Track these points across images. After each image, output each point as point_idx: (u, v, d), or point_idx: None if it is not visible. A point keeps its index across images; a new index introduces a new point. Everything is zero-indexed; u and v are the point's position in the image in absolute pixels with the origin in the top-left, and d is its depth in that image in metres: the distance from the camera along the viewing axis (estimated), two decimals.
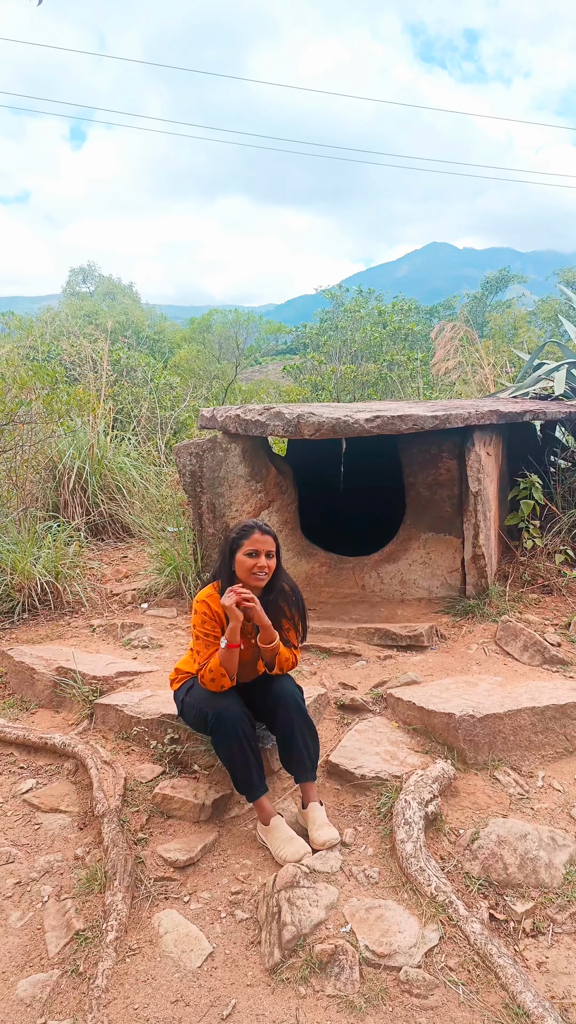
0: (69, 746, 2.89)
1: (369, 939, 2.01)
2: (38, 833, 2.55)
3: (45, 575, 4.36)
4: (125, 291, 37.88)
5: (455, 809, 2.51)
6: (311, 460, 5.58)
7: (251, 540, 2.50)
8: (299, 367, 14.40)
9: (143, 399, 8.68)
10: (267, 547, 2.51)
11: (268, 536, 2.53)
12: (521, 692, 2.97)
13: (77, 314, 22.38)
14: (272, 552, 2.53)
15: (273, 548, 2.54)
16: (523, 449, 4.91)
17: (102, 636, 4.02)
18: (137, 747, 2.90)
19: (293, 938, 2.01)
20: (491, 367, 8.37)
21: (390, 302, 17.47)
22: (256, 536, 2.51)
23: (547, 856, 2.27)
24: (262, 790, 2.44)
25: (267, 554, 2.51)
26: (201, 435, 6.21)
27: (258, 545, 2.50)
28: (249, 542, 2.50)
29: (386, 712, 3.08)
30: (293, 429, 3.90)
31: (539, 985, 1.92)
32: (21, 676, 3.45)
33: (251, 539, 2.51)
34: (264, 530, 2.53)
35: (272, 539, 2.54)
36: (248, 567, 2.50)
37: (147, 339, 22.35)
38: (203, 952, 2.05)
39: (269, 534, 2.53)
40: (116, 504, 5.89)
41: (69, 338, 10.96)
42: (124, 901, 2.19)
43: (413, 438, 4.20)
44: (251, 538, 2.51)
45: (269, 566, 2.52)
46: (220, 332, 24.22)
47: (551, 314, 21.23)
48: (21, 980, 2.00)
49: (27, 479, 5.82)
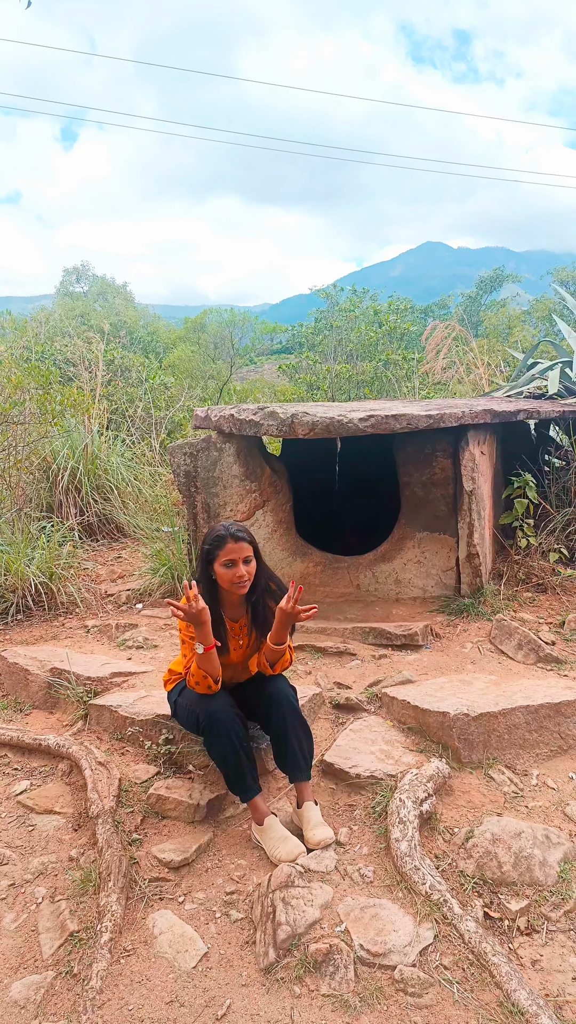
0: (63, 747, 2.88)
1: (364, 938, 2.01)
2: (32, 835, 2.55)
3: (39, 576, 4.35)
4: (119, 291, 37.79)
5: (450, 808, 2.51)
6: (306, 460, 5.57)
7: (226, 551, 2.42)
8: (294, 366, 14.38)
9: (138, 399, 8.66)
10: (243, 554, 2.43)
11: (242, 542, 2.43)
12: (516, 691, 2.97)
13: (71, 314, 22.31)
14: (250, 557, 2.45)
15: (250, 553, 2.45)
16: (517, 448, 4.92)
17: (97, 637, 4.01)
18: (132, 748, 2.89)
19: (288, 938, 2.01)
20: (485, 366, 8.38)
21: (385, 301, 17.46)
22: (230, 546, 2.42)
23: (541, 854, 2.27)
24: (256, 790, 2.43)
25: (244, 560, 2.44)
26: (195, 435, 6.21)
27: (233, 554, 2.43)
28: (224, 552, 2.42)
29: (381, 711, 3.08)
30: (287, 429, 3.89)
31: (533, 983, 1.92)
32: (15, 677, 3.44)
33: (225, 549, 2.42)
34: (237, 537, 2.43)
35: (247, 543, 2.45)
36: (228, 579, 2.44)
37: (141, 339, 22.30)
38: (198, 952, 2.05)
39: (243, 539, 2.44)
40: (110, 504, 5.88)
41: (63, 338, 10.92)
42: (118, 902, 2.18)
43: (407, 437, 4.20)
44: (225, 548, 2.42)
45: (248, 572, 2.45)
46: (215, 332, 24.18)
47: (545, 313, 21.28)
48: (15, 982, 1.99)
49: (21, 479, 5.80)
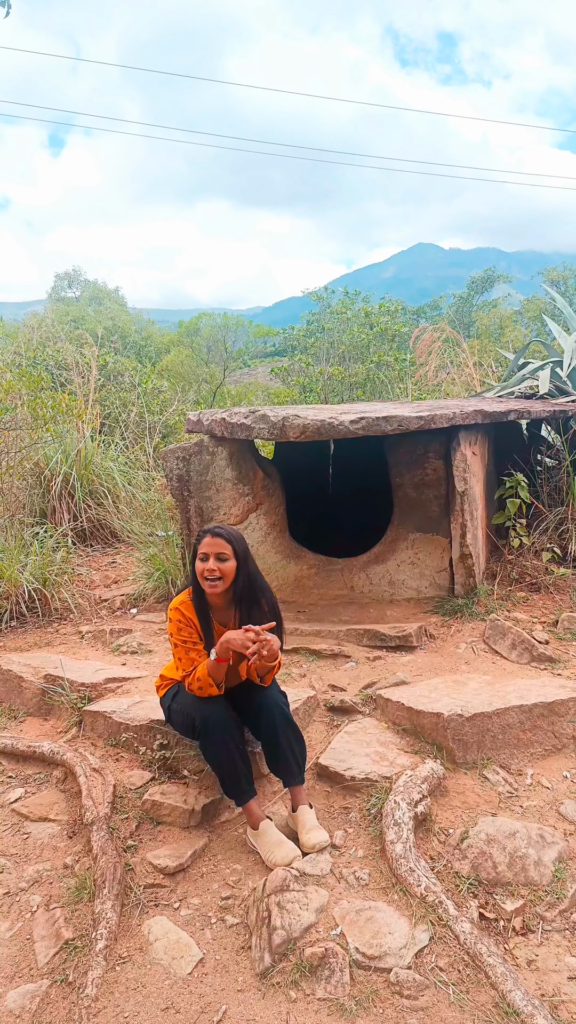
0: (58, 754, 2.87)
1: (359, 941, 2.01)
2: (27, 842, 2.54)
3: (32, 582, 4.34)
4: (111, 296, 37.77)
5: (445, 809, 2.51)
6: (298, 463, 5.58)
7: (203, 544, 2.46)
8: (287, 369, 14.39)
9: (131, 404, 8.65)
10: (216, 550, 2.44)
11: (219, 539, 2.45)
12: (509, 690, 2.98)
13: (63, 319, 22.29)
14: (225, 555, 2.44)
15: (226, 551, 2.44)
16: (509, 448, 4.93)
17: (91, 642, 4.00)
18: (126, 753, 2.88)
19: (283, 942, 2.01)
20: (477, 367, 8.40)
21: (377, 303, 17.50)
22: (207, 540, 2.45)
23: (536, 854, 2.28)
24: (251, 794, 2.43)
25: (217, 556, 2.44)
26: (188, 439, 6.20)
27: (207, 548, 2.44)
28: (202, 546, 2.46)
29: (376, 713, 3.08)
30: (278, 432, 3.89)
31: (529, 983, 1.92)
32: (9, 684, 3.43)
33: (203, 543, 2.46)
34: (215, 533, 2.46)
35: (225, 541, 2.45)
36: (200, 572, 2.46)
37: (134, 344, 22.30)
38: (193, 958, 2.04)
39: (221, 536, 2.45)
40: (104, 509, 5.87)
41: (56, 343, 10.91)
42: (114, 909, 2.18)
43: (399, 439, 4.21)
44: (203, 542, 2.46)
45: (220, 569, 2.44)
46: (208, 336, 24.19)
47: (536, 314, 21.37)
48: (10, 991, 1.98)
49: (13, 485, 5.79)
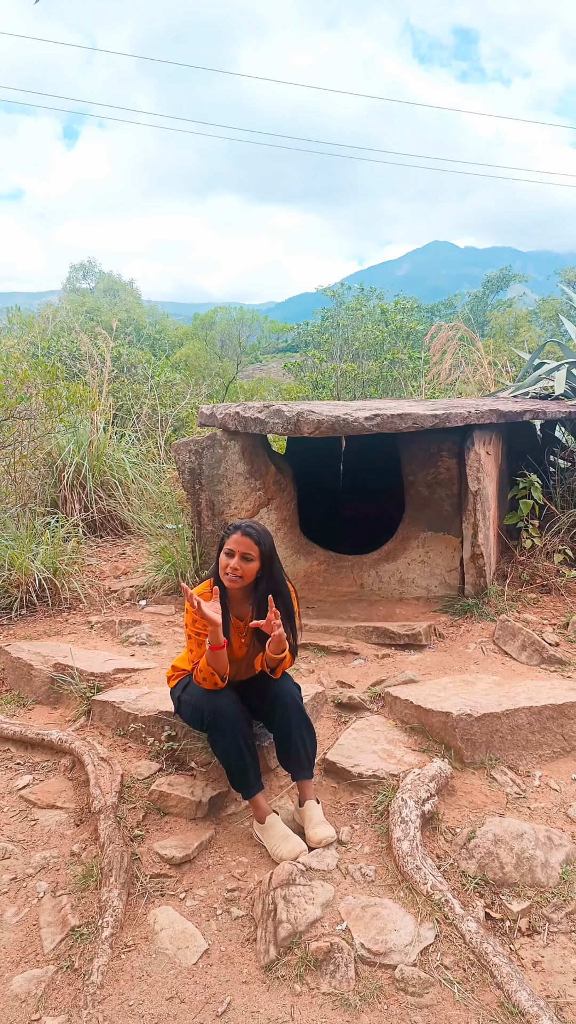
0: (66, 742, 2.89)
1: (365, 937, 2.01)
2: (34, 829, 2.55)
3: (43, 571, 4.36)
4: (126, 288, 37.82)
5: (452, 808, 2.51)
6: (311, 458, 5.57)
7: (231, 540, 2.45)
8: (300, 365, 14.38)
9: (144, 396, 8.66)
10: (243, 549, 2.43)
11: (248, 539, 2.43)
12: (519, 691, 2.96)
13: (78, 311, 22.35)
14: (250, 555, 2.44)
15: (252, 551, 2.43)
16: (523, 448, 4.91)
17: (100, 633, 4.02)
18: (134, 744, 2.90)
19: (289, 935, 2.01)
20: (491, 366, 8.36)
21: (391, 300, 17.45)
22: (236, 536, 2.44)
23: (543, 855, 2.27)
24: (258, 788, 2.43)
25: (243, 556, 2.43)
26: (201, 432, 6.20)
27: (234, 545, 2.44)
28: (229, 541, 2.45)
29: (384, 711, 3.08)
30: (292, 427, 3.89)
31: (534, 984, 1.91)
32: (19, 672, 3.45)
33: (231, 539, 2.45)
34: (246, 532, 2.44)
35: (253, 542, 2.43)
36: (222, 567, 2.46)
37: (148, 336, 22.33)
38: (198, 949, 2.05)
39: (251, 537, 2.43)
40: (115, 501, 5.88)
41: (70, 334, 10.94)
42: (120, 898, 2.19)
43: (413, 437, 4.19)
44: (231, 537, 2.45)
45: (242, 568, 2.44)
46: (223, 329, 24.20)
47: (552, 314, 21.23)
48: (16, 976, 1.99)
49: (26, 475, 5.81)
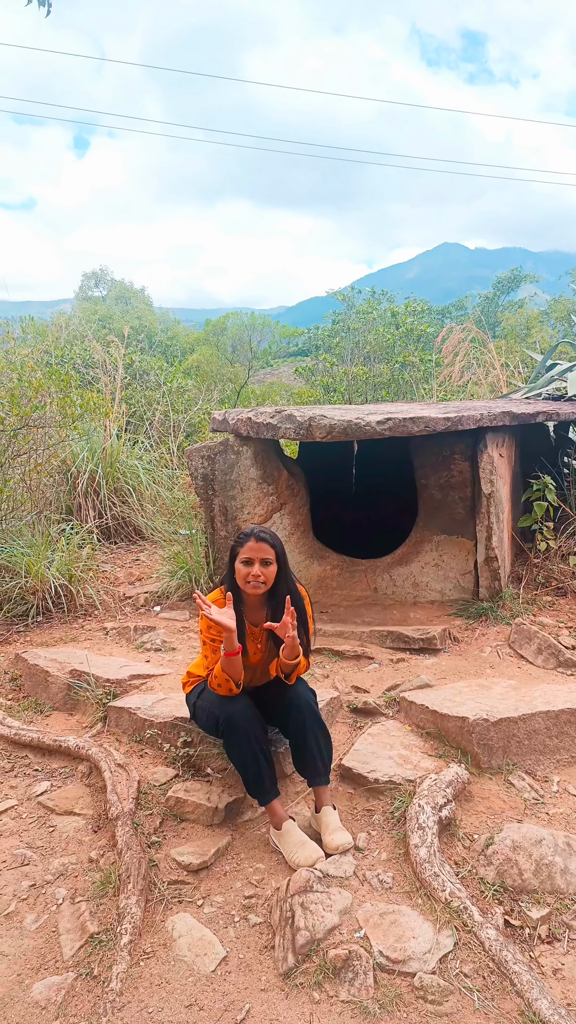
0: (83, 749, 2.90)
1: (383, 944, 2.00)
2: (52, 835, 2.57)
3: (59, 578, 4.39)
4: (137, 295, 38.06)
5: (469, 814, 2.49)
6: (323, 463, 5.57)
7: (246, 548, 2.45)
8: (311, 369, 14.38)
9: (156, 402, 8.71)
10: (261, 555, 2.44)
11: (264, 543, 2.44)
12: (535, 696, 2.94)
13: (91, 318, 22.49)
14: (269, 559, 2.45)
15: (270, 555, 2.45)
16: (536, 450, 4.88)
17: (115, 639, 4.04)
18: (150, 750, 2.91)
19: (307, 943, 2.01)
20: (503, 368, 8.32)
21: (402, 303, 17.41)
22: (251, 544, 2.44)
23: (563, 862, 2.25)
24: (274, 794, 2.43)
25: (262, 562, 2.44)
26: (213, 438, 6.23)
27: (252, 553, 2.44)
28: (244, 550, 2.45)
29: (399, 716, 3.07)
30: (305, 432, 3.89)
31: (555, 992, 1.90)
32: (35, 679, 3.47)
33: (246, 547, 2.45)
34: (260, 537, 2.45)
35: (269, 546, 2.45)
36: (243, 576, 2.46)
37: (160, 343, 22.43)
38: (217, 956, 2.05)
39: (266, 541, 2.45)
40: (128, 507, 5.92)
41: (83, 342, 11.02)
42: (138, 904, 2.19)
43: (425, 440, 4.18)
44: (246, 546, 2.45)
45: (264, 574, 2.44)
46: (234, 335, 24.26)
47: (563, 314, 21.09)
48: (36, 983, 2.00)
49: (41, 482, 5.86)
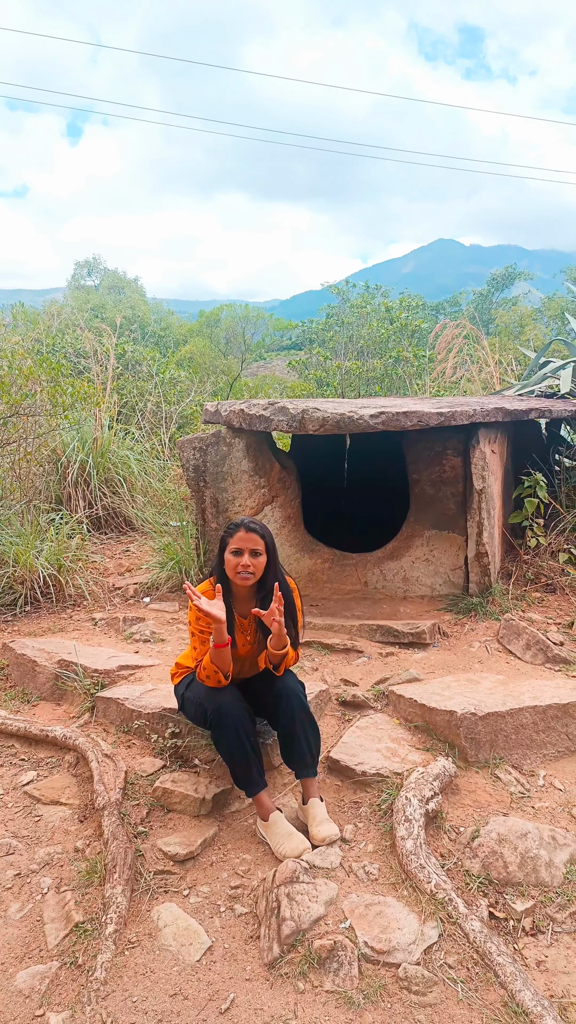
0: (70, 739, 2.89)
1: (368, 935, 2.01)
2: (38, 825, 2.56)
3: (47, 568, 4.37)
4: (131, 285, 37.82)
5: (456, 807, 2.51)
6: (315, 456, 5.56)
7: (236, 538, 2.44)
8: (304, 362, 14.36)
9: (148, 393, 8.66)
10: (251, 545, 2.44)
11: (254, 534, 2.44)
12: (523, 691, 2.96)
13: (83, 307, 22.34)
14: (258, 550, 2.45)
15: (259, 546, 2.45)
16: (528, 447, 4.89)
17: (104, 630, 4.02)
18: (138, 741, 2.90)
19: (292, 933, 2.01)
20: (496, 365, 8.33)
21: (397, 298, 17.39)
22: (241, 534, 2.44)
23: (547, 855, 2.26)
24: (261, 785, 2.43)
25: (252, 552, 2.44)
26: (205, 430, 6.20)
27: (242, 543, 2.43)
28: (234, 540, 2.44)
29: (388, 709, 3.08)
30: (297, 424, 3.88)
31: (538, 984, 1.91)
32: (23, 669, 3.46)
33: (236, 537, 2.44)
34: (250, 528, 2.44)
35: (259, 537, 2.45)
36: (232, 566, 2.45)
37: (153, 334, 22.32)
38: (202, 946, 2.05)
39: (256, 532, 2.45)
40: (119, 498, 5.89)
41: (74, 331, 10.94)
42: (123, 894, 2.19)
43: (418, 435, 4.18)
44: (236, 536, 2.44)
45: (254, 565, 2.44)
46: (228, 327, 24.19)
47: (557, 312, 21.14)
48: (20, 972, 2.00)
49: (30, 472, 5.82)
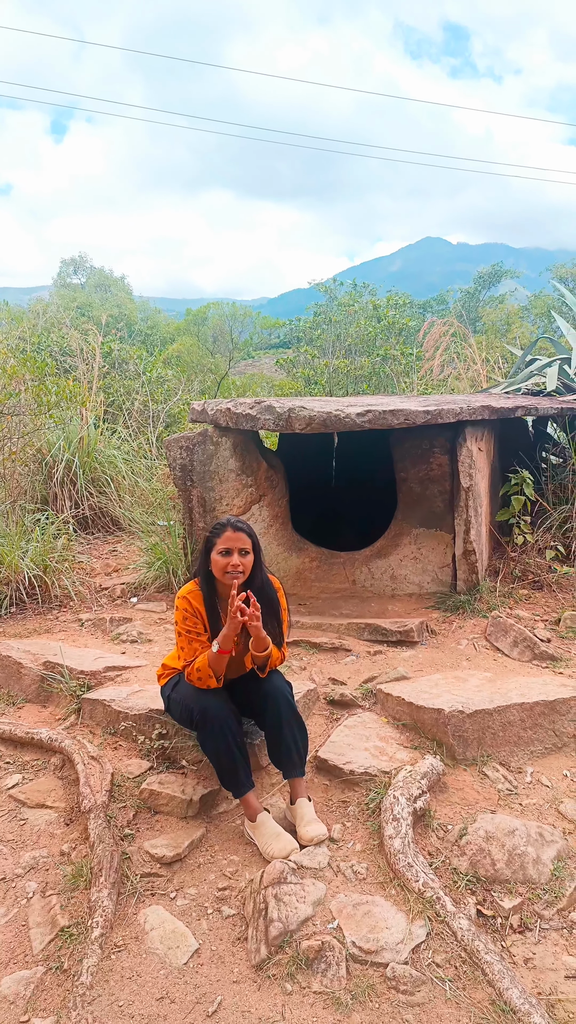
0: (56, 741, 2.86)
1: (356, 935, 2.00)
2: (24, 829, 2.53)
3: (33, 568, 4.33)
4: (117, 283, 37.63)
5: (444, 805, 2.50)
6: (303, 455, 5.55)
7: (224, 538, 2.43)
8: (292, 361, 14.33)
9: (135, 392, 8.61)
10: (240, 544, 2.43)
11: (241, 533, 2.44)
12: (511, 688, 2.96)
13: (69, 306, 22.18)
14: (247, 549, 2.44)
15: (247, 545, 2.44)
16: (515, 445, 4.91)
17: (91, 630, 3.99)
18: (125, 742, 2.88)
19: (280, 934, 2.00)
20: (484, 363, 8.36)
21: (384, 296, 17.41)
22: (228, 534, 2.43)
23: (535, 852, 2.27)
24: (248, 786, 2.42)
25: (240, 551, 2.43)
26: (192, 429, 6.17)
27: (230, 543, 2.42)
28: (222, 540, 2.43)
29: (376, 708, 3.07)
30: (284, 423, 3.87)
31: (526, 981, 1.91)
32: (8, 670, 3.42)
33: (223, 537, 2.43)
34: (237, 527, 2.44)
35: (246, 536, 2.44)
36: (221, 566, 2.43)
37: (139, 332, 22.20)
38: (189, 949, 2.04)
39: (243, 531, 2.44)
40: (106, 497, 5.85)
41: (60, 329, 10.85)
42: (110, 897, 2.17)
43: (405, 433, 4.18)
44: (223, 536, 2.43)
45: (243, 564, 2.43)
46: (215, 325, 24.12)
47: (544, 310, 21.23)
48: (5, 977, 1.98)
49: (15, 471, 5.77)
